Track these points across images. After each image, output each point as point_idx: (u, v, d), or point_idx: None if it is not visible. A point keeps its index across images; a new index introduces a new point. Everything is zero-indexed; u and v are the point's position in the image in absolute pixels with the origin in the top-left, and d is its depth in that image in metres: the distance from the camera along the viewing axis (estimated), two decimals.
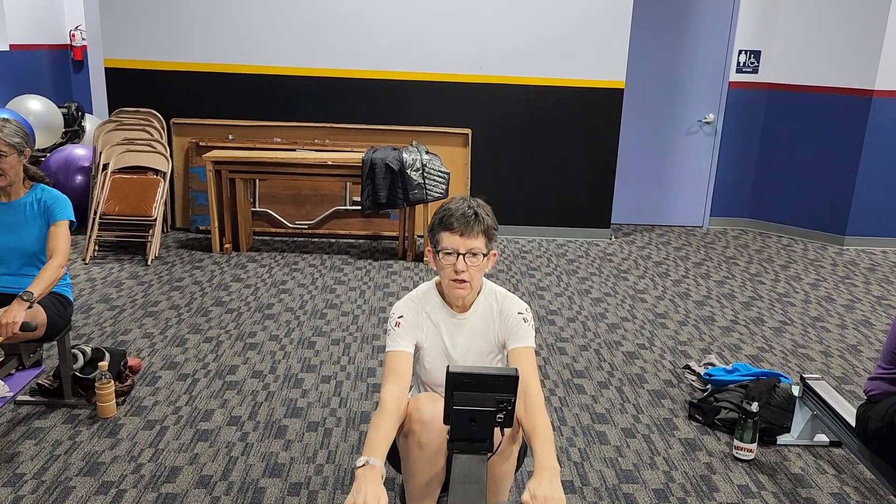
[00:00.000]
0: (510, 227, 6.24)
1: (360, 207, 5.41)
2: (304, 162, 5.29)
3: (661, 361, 3.87)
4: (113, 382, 3.09)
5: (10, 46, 7.55)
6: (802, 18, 6.24)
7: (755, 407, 2.89)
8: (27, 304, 2.69)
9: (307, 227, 5.98)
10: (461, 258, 1.94)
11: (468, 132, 6.03)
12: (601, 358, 3.88)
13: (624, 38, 5.89)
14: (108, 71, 5.88)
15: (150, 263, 5.11)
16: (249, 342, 3.88)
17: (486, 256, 1.99)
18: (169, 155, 5.62)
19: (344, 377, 3.53)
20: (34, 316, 2.78)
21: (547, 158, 6.15)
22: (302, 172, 5.34)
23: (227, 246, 5.45)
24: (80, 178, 5.75)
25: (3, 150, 2.79)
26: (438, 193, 5.32)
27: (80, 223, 5.74)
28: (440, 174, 5.28)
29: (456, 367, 1.67)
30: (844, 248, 6.31)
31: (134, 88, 5.87)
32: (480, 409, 1.66)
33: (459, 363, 2.08)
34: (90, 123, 7.41)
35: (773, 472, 2.87)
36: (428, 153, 5.39)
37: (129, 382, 3.28)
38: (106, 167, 5.48)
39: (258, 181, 5.86)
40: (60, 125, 7.02)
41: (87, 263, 5.07)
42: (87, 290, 4.57)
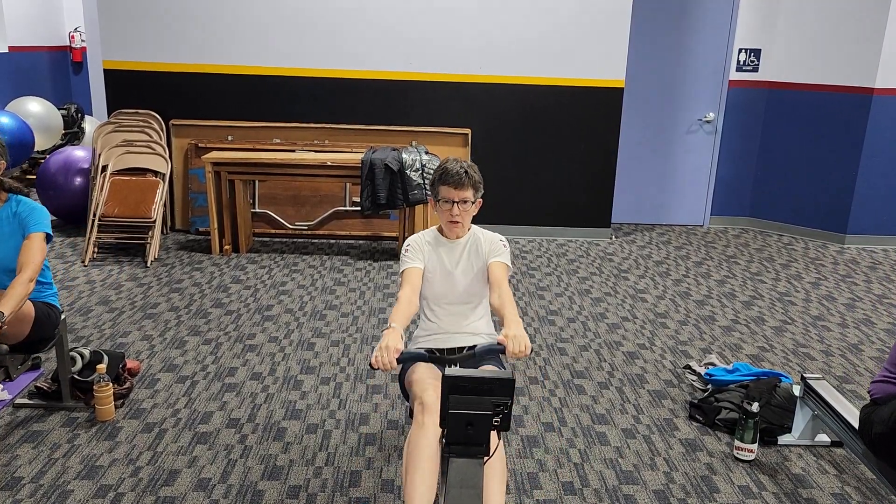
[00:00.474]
0: (510, 226, 6.23)
1: (359, 208, 5.40)
2: (303, 163, 5.28)
3: (661, 361, 3.85)
4: (111, 385, 3.08)
5: (9, 48, 7.55)
6: (802, 17, 6.22)
7: (756, 407, 2.88)
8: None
9: (307, 228, 5.97)
10: (455, 205, 2.49)
11: (468, 132, 6.02)
12: (601, 358, 3.87)
13: (623, 37, 5.88)
14: (106, 72, 5.87)
15: (149, 265, 5.11)
16: (249, 344, 3.88)
17: (473, 203, 2.55)
18: (168, 156, 5.61)
19: (343, 378, 3.52)
20: (23, 314, 2.72)
21: (547, 158, 6.14)
22: (301, 173, 5.33)
23: (226, 247, 5.44)
24: (79, 179, 5.74)
25: None
26: None
27: (79, 225, 5.78)
28: None
29: (452, 370, 1.66)
30: (845, 246, 6.29)
31: (133, 90, 5.87)
32: (477, 412, 1.65)
33: (455, 274, 2.57)
34: (90, 125, 7.41)
35: (773, 472, 2.86)
36: (427, 153, 5.38)
37: (127, 385, 3.27)
38: (105, 169, 5.48)
39: (258, 182, 5.85)
40: (60, 127, 7.02)
41: (86, 265, 5.06)
42: (86, 292, 4.56)
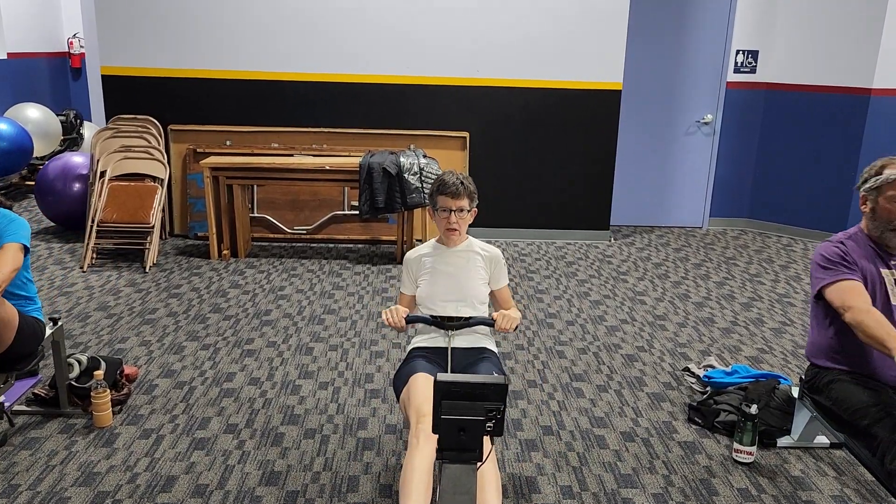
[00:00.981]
0: (509, 229, 6.23)
1: (358, 212, 5.40)
2: (301, 167, 5.29)
3: (660, 364, 3.85)
4: (109, 391, 3.08)
5: (7, 54, 7.56)
6: (800, 18, 6.23)
7: (755, 409, 2.87)
8: None
9: (305, 232, 5.97)
10: (453, 213, 2.67)
11: (466, 135, 6.02)
12: (600, 361, 3.86)
13: (621, 39, 5.89)
14: (104, 78, 5.88)
15: (147, 271, 5.11)
16: (247, 349, 3.87)
17: (469, 211, 2.71)
18: (166, 162, 5.61)
19: (342, 383, 3.51)
20: (7, 320, 2.69)
21: (545, 161, 6.14)
22: (300, 178, 5.33)
23: (225, 252, 5.44)
24: (77, 185, 5.75)
25: None
26: None
27: (77, 231, 5.78)
28: None
29: (444, 375, 1.65)
30: None
31: (131, 95, 5.87)
32: (469, 418, 1.64)
33: (451, 272, 2.70)
34: (88, 131, 7.41)
35: (773, 474, 2.85)
36: (426, 157, 5.38)
37: (125, 391, 3.27)
38: (104, 174, 5.48)
39: (256, 187, 5.85)
40: (59, 133, 7.03)
41: (84, 271, 5.06)
42: (84, 298, 4.56)
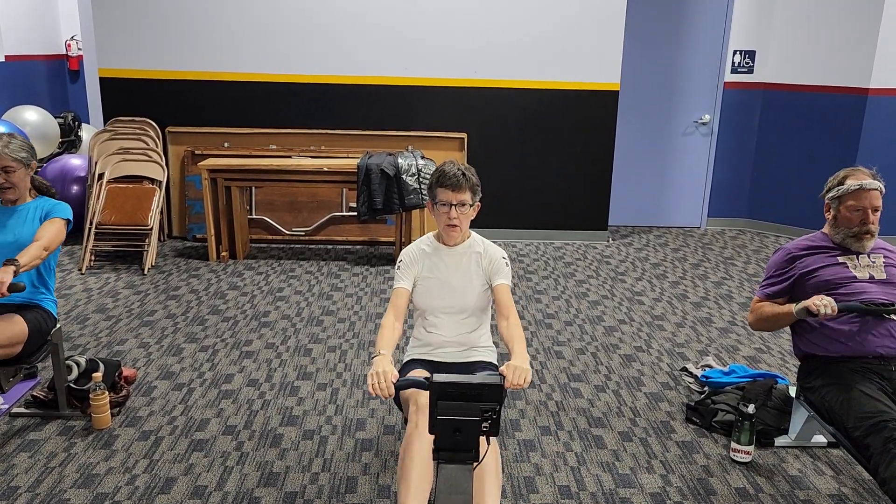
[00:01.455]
0: (507, 230, 6.24)
1: (356, 213, 5.41)
2: (299, 169, 5.29)
3: (658, 364, 3.85)
4: (108, 393, 3.08)
5: (5, 57, 7.56)
6: (796, 18, 6.24)
7: (752, 409, 2.88)
8: (13, 267, 2.74)
9: (304, 233, 5.97)
10: (453, 208, 2.47)
11: (464, 136, 6.03)
12: (598, 361, 3.87)
13: (618, 40, 5.90)
14: (102, 80, 5.88)
15: (146, 272, 5.11)
16: (245, 350, 3.88)
17: (471, 206, 2.51)
18: (165, 164, 5.62)
19: (340, 384, 3.52)
20: (15, 329, 2.80)
21: (543, 161, 6.15)
22: (298, 179, 5.33)
23: (223, 254, 5.45)
24: (76, 188, 5.75)
25: (11, 165, 2.96)
26: None
27: (76, 233, 5.78)
28: None
29: (439, 376, 1.66)
30: None
31: (129, 98, 5.88)
32: (465, 418, 1.65)
33: (453, 284, 2.54)
34: (86, 133, 7.41)
35: (770, 473, 2.86)
36: (423, 158, 5.38)
37: (124, 393, 3.27)
38: (102, 177, 5.48)
39: (254, 189, 5.86)
40: (57, 135, 7.03)
41: (83, 273, 5.07)
42: (83, 300, 4.56)
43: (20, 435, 2.99)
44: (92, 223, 5.26)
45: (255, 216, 5.92)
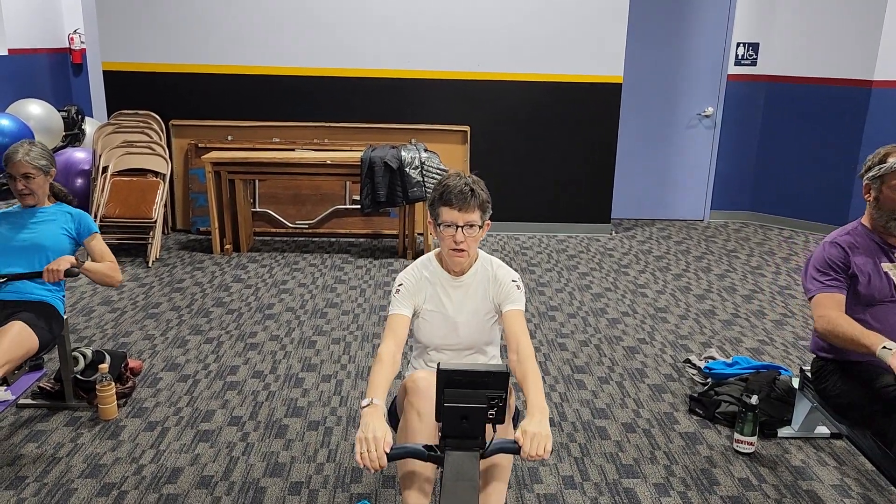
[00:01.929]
0: (510, 223, 6.24)
1: (359, 206, 5.41)
2: (303, 162, 5.30)
3: (661, 356, 3.87)
4: (114, 384, 3.10)
5: (8, 50, 7.57)
6: (800, 10, 6.22)
7: (755, 400, 2.89)
8: (75, 259, 2.90)
9: (307, 226, 5.98)
10: (460, 230, 2.14)
11: (467, 129, 6.03)
12: (601, 353, 3.88)
13: (621, 32, 5.89)
14: (106, 74, 5.89)
15: (150, 265, 5.13)
16: (250, 342, 3.89)
17: (481, 227, 2.20)
18: (168, 157, 5.63)
19: (344, 376, 3.54)
20: (26, 344, 2.80)
21: (546, 154, 6.15)
22: (301, 172, 5.34)
23: (227, 247, 5.46)
24: (80, 181, 5.76)
25: (31, 172, 3.00)
26: None
27: None
28: (439, 172, 5.29)
29: (446, 364, 1.67)
30: None
31: (132, 91, 5.88)
32: (472, 406, 1.66)
33: (458, 321, 2.26)
34: (90, 126, 7.43)
35: (773, 464, 2.87)
36: (426, 151, 5.39)
37: (130, 384, 3.29)
38: (106, 170, 5.50)
39: (258, 182, 5.87)
40: (60, 129, 7.04)
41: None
42: (88, 292, 4.58)
43: (27, 426, 3.01)
44: (96, 216, 5.27)
45: (258, 209, 5.94)
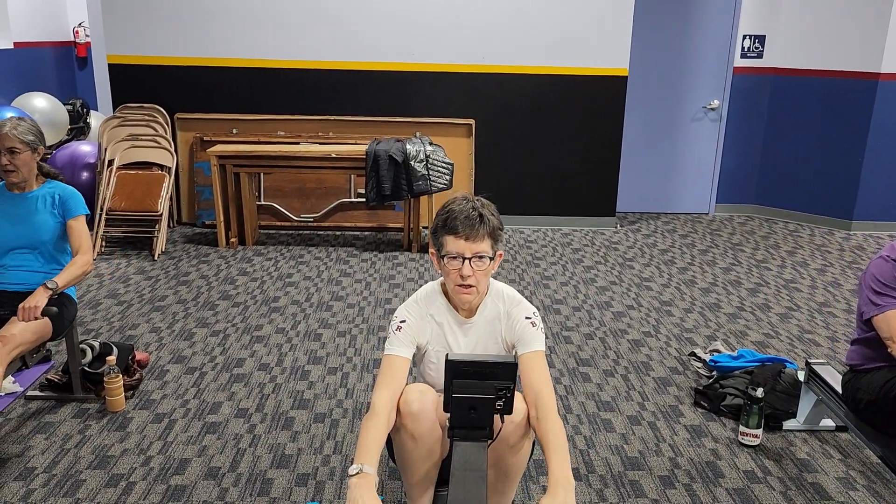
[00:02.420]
0: (515, 216, 6.24)
1: (364, 199, 5.42)
2: (308, 155, 5.30)
3: (666, 349, 3.87)
4: (121, 377, 3.12)
5: (14, 44, 7.57)
6: (807, 2, 6.19)
7: (760, 393, 2.89)
8: (51, 291, 2.79)
9: (312, 220, 5.99)
10: (467, 263, 1.87)
11: (472, 122, 6.02)
12: (607, 346, 3.88)
13: (627, 25, 5.87)
14: (111, 67, 5.89)
15: (156, 258, 5.14)
16: (256, 335, 3.91)
17: (492, 259, 1.93)
18: (174, 150, 5.64)
19: (350, 368, 3.55)
20: (39, 328, 2.81)
21: (551, 148, 6.14)
22: (306, 165, 5.35)
23: (232, 240, 5.47)
24: (85, 174, 5.77)
25: (17, 147, 2.90)
26: (442, 184, 5.33)
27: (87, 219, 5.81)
28: (444, 165, 5.29)
29: (455, 354, 1.68)
30: (851, 232, 6.28)
31: (137, 84, 5.89)
32: (480, 396, 1.67)
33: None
34: (95, 120, 7.43)
35: (778, 457, 2.88)
36: (431, 144, 5.39)
37: (137, 376, 3.31)
38: (111, 163, 5.51)
39: (263, 175, 5.88)
40: (66, 122, 7.05)
41: (94, 259, 5.10)
42: (94, 285, 4.60)
43: (36, 417, 3.03)
44: (102, 209, 5.29)
45: (263, 202, 5.94)
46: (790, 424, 3.08)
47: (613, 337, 4.01)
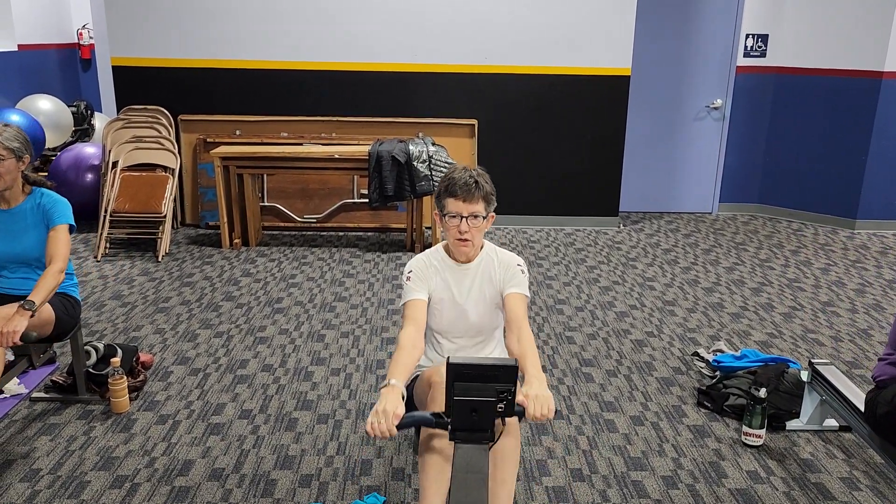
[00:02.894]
0: (518, 216, 6.24)
1: (367, 200, 5.43)
2: (311, 156, 5.31)
3: (669, 349, 3.87)
4: (126, 378, 3.13)
5: (18, 46, 7.60)
6: (810, 1, 6.18)
7: (764, 393, 2.89)
8: (29, 313, 2.65)
9: (315, 220, 6.00)
10: (464, 220, 2.22)
11: (474, 123, 6.02)
12: (609, 346, 3.89)
13: (629, 24, 5.86)
14: (115, 69, 5.91)
15: (160, 260, 5.16)
16: (260, 336, 3.92)
17: (485, 218, 2.27)
18: (177, 151, 5.65)
19: (353, 369, 3.56)
20: (41, 315, 2.79)
21: (554, 147, 6.14)
22: (309, 166, 5.36)
23: (236, 241, 5.49)
24: (90, 176, 5.80)
25: (1, 153, 2.76)
26: None
27: (90, 221, 5.83)
28: (447, 165, 5.29)
29: (456, 357, 1.68)
30: (855, 231, 6.27)
31: (141, 86, 5.91)
32: (481, 399, 1.68)
33: (466, 307, 2.33)
34: (99, 122, 7.46)
35: (782, 457, 2.87)
36: (434, 145, 5.39)
37: (141, 378, 3.32)
38: (115, 165, 5.53)
39: (266, 176, 5.89)
40: (70, 124, 7.07)
41: (98, 261, 5.12)
42: (98, 287, 4.62)
43: (41, 419, 3.04)
44: (106, 211, 5.31)
45: (266, 203, 5.96)
46: (793, 424, 3.07)
47: (616, 337, 4.01)
